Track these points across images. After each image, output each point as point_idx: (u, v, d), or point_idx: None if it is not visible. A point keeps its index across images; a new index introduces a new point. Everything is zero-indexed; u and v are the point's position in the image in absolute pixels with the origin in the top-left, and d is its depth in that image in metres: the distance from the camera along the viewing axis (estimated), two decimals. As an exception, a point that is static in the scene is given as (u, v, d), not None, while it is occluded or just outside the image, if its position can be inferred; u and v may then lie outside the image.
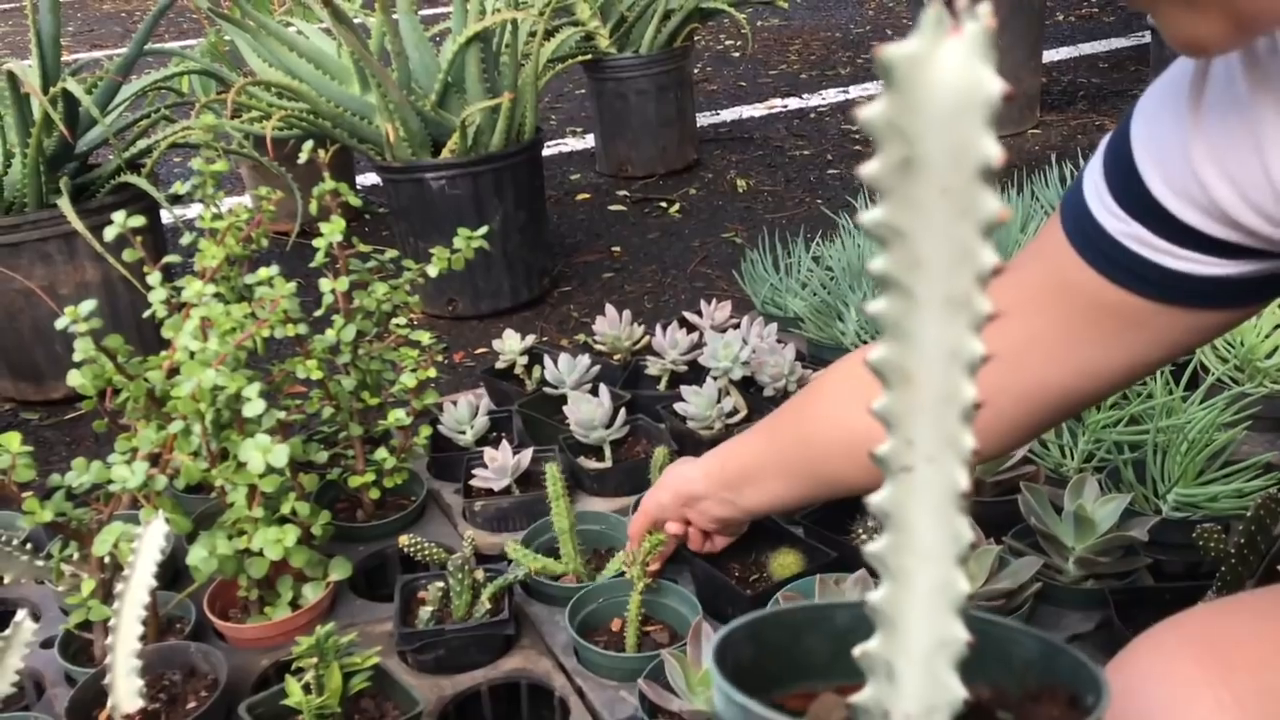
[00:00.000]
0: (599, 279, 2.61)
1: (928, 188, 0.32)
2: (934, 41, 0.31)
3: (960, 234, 0.33)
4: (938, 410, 0.34)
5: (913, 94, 0.31)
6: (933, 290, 0.33)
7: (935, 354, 0.34)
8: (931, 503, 0.36)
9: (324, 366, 1.43)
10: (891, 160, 0.32)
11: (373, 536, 1.48)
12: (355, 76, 2.33)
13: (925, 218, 0.33)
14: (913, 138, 0.32)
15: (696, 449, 1.60)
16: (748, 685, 0.42)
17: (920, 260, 0.33)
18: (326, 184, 1.47)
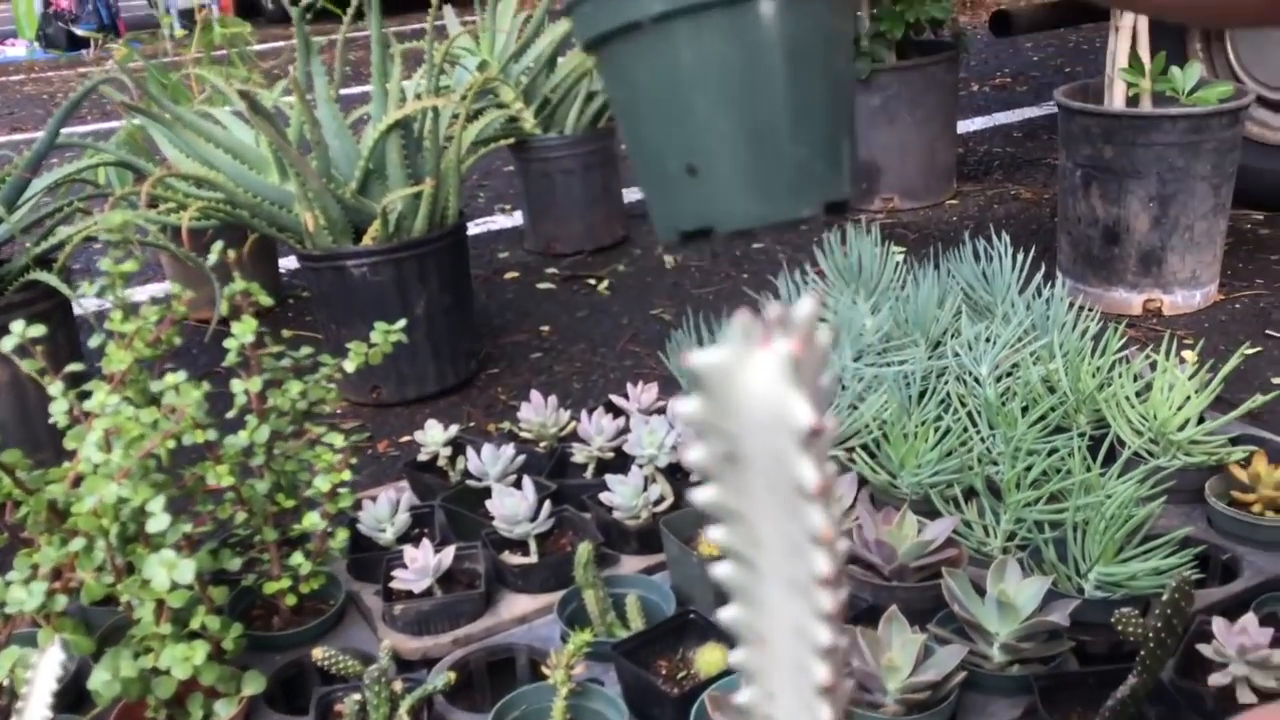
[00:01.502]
0: (527, 359, 2.59)
1: (755, 482, 0.32)
2: (742, 353, 0.30)
3: (791, 531, 0.32)
4: (794, 676, 0.34)
5: (725, 399, 0.30)
6: (776, 569, 0.33)
7: (783, 625, 0.33)
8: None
9: (236, 470, 1.39)
10: (715, 453, 0.32)
11: (290, 644, 1.43)
12: (274, 165, 2.32)
13: (757, 505, 0.32)
14: (730, 436, 0.31)
15: (624, 540, 1.59)
16: None
17: (759, 540, 0.33)
18: (236, 284, 1.45)
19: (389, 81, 2.35)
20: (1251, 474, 1.55)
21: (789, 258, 2.98)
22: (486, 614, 1.47)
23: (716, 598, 1.41)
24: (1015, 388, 1.76)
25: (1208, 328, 2.42)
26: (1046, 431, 1.67)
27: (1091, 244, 2.48)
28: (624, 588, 1.45)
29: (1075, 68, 5.38)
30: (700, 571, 1.41)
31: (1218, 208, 2.40)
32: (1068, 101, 2.45)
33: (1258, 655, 1.20)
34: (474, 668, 1.41)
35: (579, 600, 1.41)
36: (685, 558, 1.44)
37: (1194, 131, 2.29)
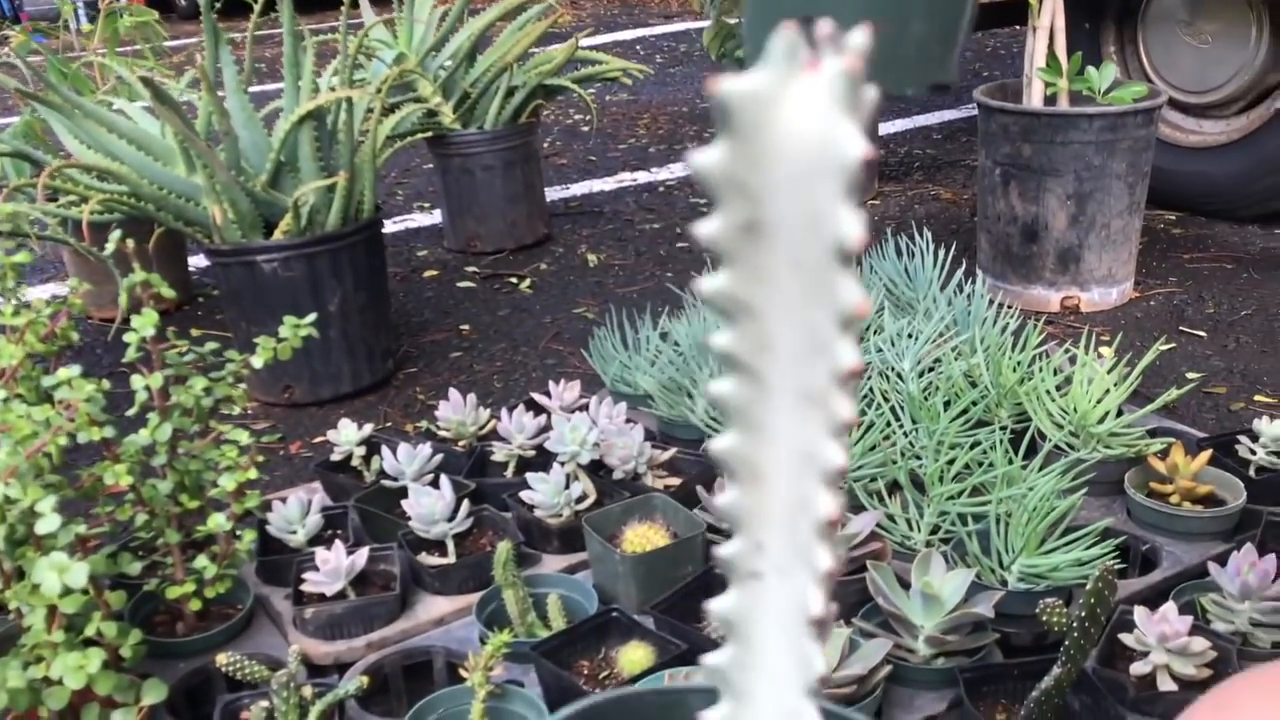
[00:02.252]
0: (447, 359, 2.54)
1: (777, 259, 0.26)
2: (785, 78, 0.24)
3: (815, 320, 0.27)
4: (790, 517, 0.29)
5: (756, 143, 0.25)
6: (785, 379, 0.28)
7: (787, 453, 0.29)
8: (780, 619, 0.31)
9: (136, 470, 1.33)
10: (734, 221, 0.27)
11: (194, 651, 1.37)
12: (180, 157, 2.24)
13: (775, 293, 0.27)
14: (758, 197, 0.26)
15: (545, 539, 1.55)
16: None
17: (770, 343, 0.28)
18: (136, 275, 1.38)
19: (302, 74, 2.28)
20: (1169, 465, 1.57)
21: (714, 257, 2.96)
22: (402, 616, 1.42)
23: (639, 595, 1.38)
24: (938, 382, 1.76)
25: (1124, 324, 2.45)
26: (969, 425, 1.67)
27: (1011, 242, 2.50)
28: (545, 587, 1.42)
29: (993, 71, 5.47)
30: (623, 569, 1.38)
31: (1133, 206, 2.43)
32: (987, 100, 2.47)
33: (1178, 643, 1.20)
34: (389, 672, 1.36)
35: (498, 601, 1.37)
36: (608, 555, 1.40)
37: (1110, 130, 2.32)
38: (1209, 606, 1.32)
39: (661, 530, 1.46)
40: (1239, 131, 2.93)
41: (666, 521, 1.49)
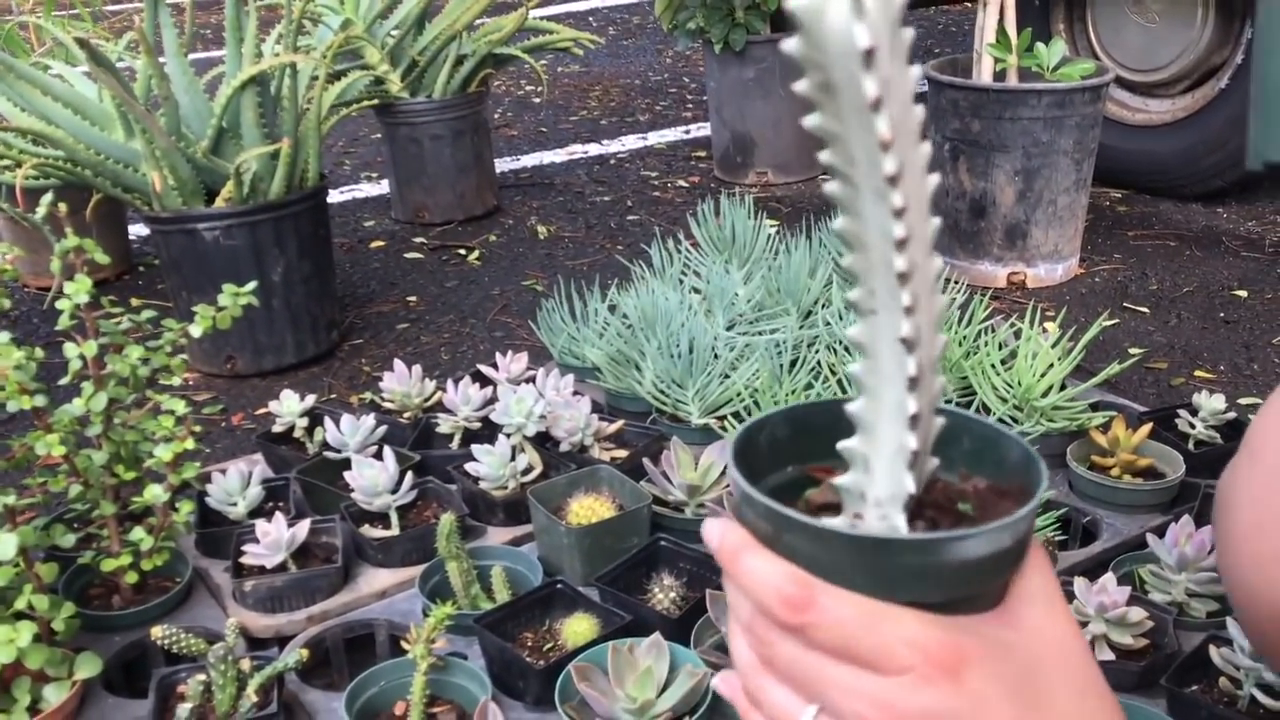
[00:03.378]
0: (393, 330, 2.51)
1: (844, 104, 0.40)
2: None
3: (869, 143, 0.40)
4: (885, 271, 0.42)
5: (815, 36, 0.38)
6: (864, 180, 0.41)
7: (874, 228, 0.42)
8: (888, 340, 0.44)
9: (70, 440, 1.29)
10: (814, 82, 0.40)
11: (131, 624, 1.34)
12: (119, 122, 2.18)
13: (847, 126, 0.40)
14: (823, 67, 0.39)
15: (491, 511, 1.54)
16: (781, 457, 0.53)
17: (852, 157, 0.41)
18: (69, 240, 1.34)
19: (245, 38, 2.23)
20: (1110, 439, 1.58)
21: (663, 229, 2.95)
22: (344, 589, 1.40)
23: (584, 567, 1.37)
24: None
25: (1069, 300, 2.48)
26: (915, 398, 1.67)
27: (959, 217, 2.52)
28: (489, 559, 1.41)
29: (944, 49, 5.49)
30: (569, 541, 1.38)
31: (1079, 183, 2.45)
32: (937, 75, 2.47)
33: (1116, 613, 1.22)
34: (330, 645, 1.34)
35: (442, 573, 1.35)
36: (553, 527, 1.40)
37: (1058, 107, 2.34)
38: (1147, 577, 1.34)
39: (607, 502, 1.46)
40: (1184, 110, 2.96)
41: (613, 494, 1.48)
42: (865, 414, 0.46)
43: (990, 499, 0.50)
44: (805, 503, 0.52)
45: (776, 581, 0.47)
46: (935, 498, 0.49)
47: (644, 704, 1.10)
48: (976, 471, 0.52)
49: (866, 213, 0.42)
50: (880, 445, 0.46)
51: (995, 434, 0.52)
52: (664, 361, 1.82)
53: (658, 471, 1.53)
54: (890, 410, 0.45)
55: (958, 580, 0.46)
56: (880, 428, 0.46)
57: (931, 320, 0.44)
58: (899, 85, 0.39)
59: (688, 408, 1.77)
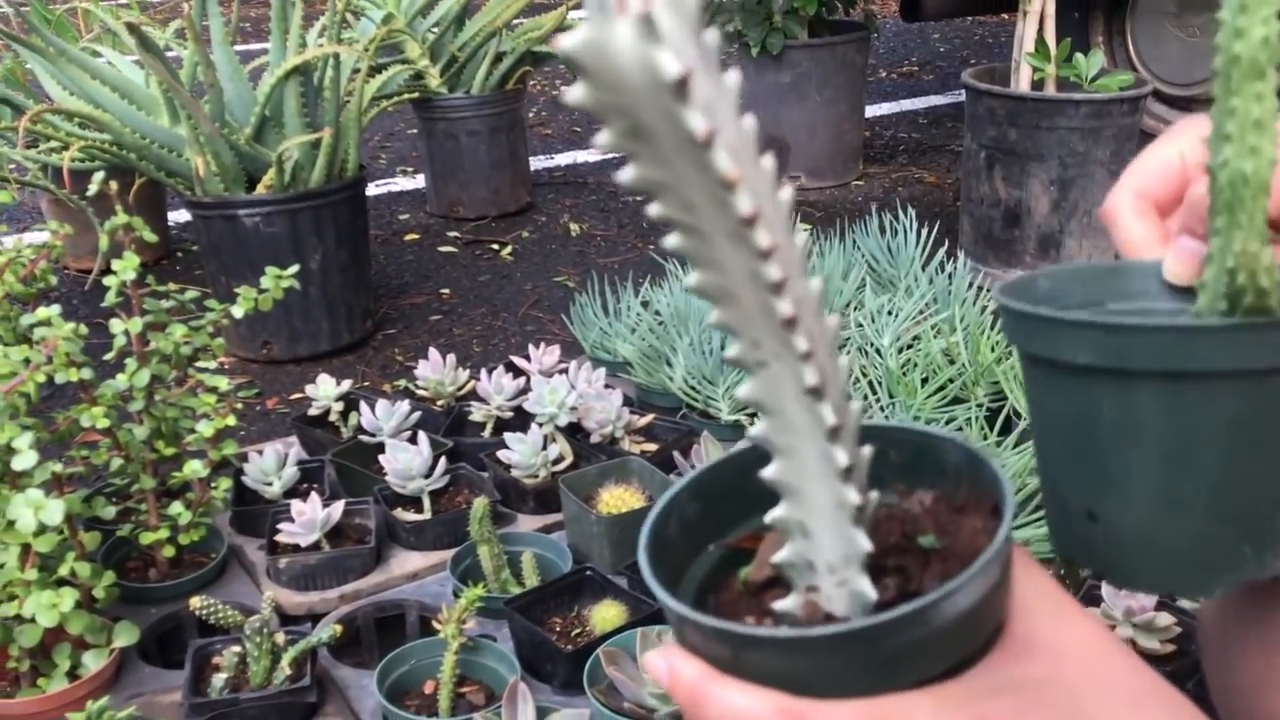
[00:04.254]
0: (426, 322, 2.53)
1: (665, 147, 0.32)
2: (603, 27, 0.30)
3: (708, 183, 0.33)
4: (766, 322, 0.37)
5: (605, 78, 0.31)
6: (713, 227, 0.34)
7: (741, 276, 0.36)
8: (789, 391, 0.38)
9: (114, 414, 1.32)
10: (619, 130, 0.32)
11: (166, 597, 1.37)
12: (164, 107, 2.22)
13: (677, 171, 0.33)
14: (625, 110, 0.32)
15: (521, 499, 1.56)
16: (697, 539, 0.46)
17: (691, 205, 0.34)
18: (119, 218, 1.37)
19: (289, 29, 2.26)
20: (1141, 447, 1.58)
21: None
22: (376, 570, 1.42)
23: (613, 556, 1.38)
24: (916, 359, 1.77)
25: (1100, 311, 2.47)
26: (946, 402, 1.68)
27: (993, 225, 2.52)
28: (520, 545, 1.42)
29: (980, 59, 5.48)
30: (599, 529, 1.39)
31: (1114, 194, 2.45)
32: (975, 83, 2.48)
33: (1144, 618, 1.22)
34: (362, 623, 1.36)
35: (473, 557, 1.37)
36: (584, 516, 1.41)
37: (1095, 117, 2.34)
38: (1175, 584, 1.34)
39: (637, 493, 1.47)
40: (1221, 126, 2.94)
41: (643, 485, 1.50)
42: (786, 477, 0.40)
43: (947, 519, 0.44)
44: (744, 586, 0.45)
45: (758, 718, 0.38)
46: (887, 538, 0.43)
47: (671, 690, 1.11)
48: (916, 484, 0.46)
49: (725, 260, 0.35)
50: (814, 506, 0.40)
51: (926, 438, 0.47)
52: (695, 358, 1.83)
53: (688, 465, 1.54)
54: (814, 466, 0.39)
55: (960, 637, 0.40)
56: (808, 487, 0.40)
57: (831, 350, 0.39)
58: (722, 105, 0.33)
59: (718, 404, 1.78)
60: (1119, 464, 0.44)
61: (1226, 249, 0.41)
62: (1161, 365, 0.42)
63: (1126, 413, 0.43)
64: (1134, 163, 0.56)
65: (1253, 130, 0.39)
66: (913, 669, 0.39)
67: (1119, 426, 0.43)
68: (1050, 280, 0.51)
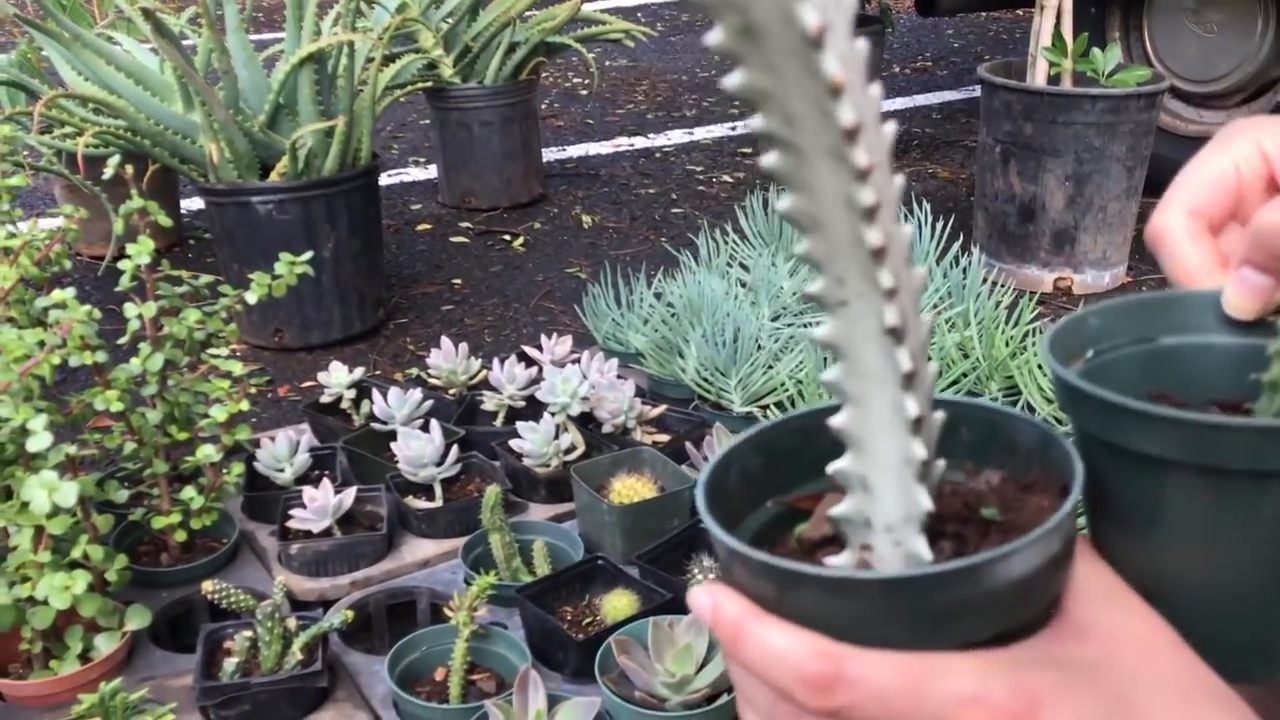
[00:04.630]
0: (438, 311, 2.53)
1: (774, 51, 0.32)
2: None
3: (815, 93, 0.32)
4: (854, 253, 0.35)
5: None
6: (813, 144, 0.33)
7: (834, 201, 0.34)
8: (869, 332, 0.37)
9: (127, 398, 1.32)
10: (732, 28, 0.32)
11: (178, 581, 1.37)
12: (179, 94, 2.21)
13: (782, 78, 0.32)
14: (741, 6, 0.31)
15: (533, 488, 1.55)
16: (757, 492, 0.46)
17: (792, 118, 0.33)
18: (134, 202, 1.37)
19: (304, 17, 2.26)
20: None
21: (710, 221, 2.96)
22: (388, 557, 1.42)
23: (625, 545, 1.38)
24: (930, 353, 1.76)
25: (1114, 308, 2.46)
26: (960, 395, 1.67)
27: (1007, 220, 2.51)
28: (531, 534, 1.42)
29: (995, 55, 5.46)
30: (610, 519, 1.39)
31: (1130, 190, 2.44)
32: (991, 77, 2.46)
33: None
34: (373, 610, 1.36)
35: (484, 545, 1.37)
36: (596, 505, 1.41)
37: (1112, 112, 2.32)
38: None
39: (649, 483, 1.46)
40: (1238, 123, 2.93)
41: (655, 475, 1.49)
42: (854, 427, 0.39)
43: (1013, 496, 0.43)
44: (798, 542, 0.44)
45: (796, 658, 0.38)
46: (949, 508, 0.42)
47: (682, 679, 1.11)
48: (984, 464, 0.45)
49: (820, 183, 0.34)
50: (879, 460, 0.39)
51: (1000, 417, 0.45)
52: (708, 349, 1.83)
53: (700, 455, 1.54)
54: (884, 417, 0.38)
55: (1011, 605, 0.39)
56: (875, 439, 0.39)
57: (915, 299, 0.38)
58: (836, 14, 0.32)
59: (730, 396, 1.78)
60: (1179, 555, 0.43)
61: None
62: (1248, 464, 0.39)
63: (1201, 507, 0.41)
64: (1182, 174, 0.51)
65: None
66: (958, 629, 0.38)
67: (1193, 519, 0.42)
68: (1099, 318, 0.48)
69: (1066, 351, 0.46)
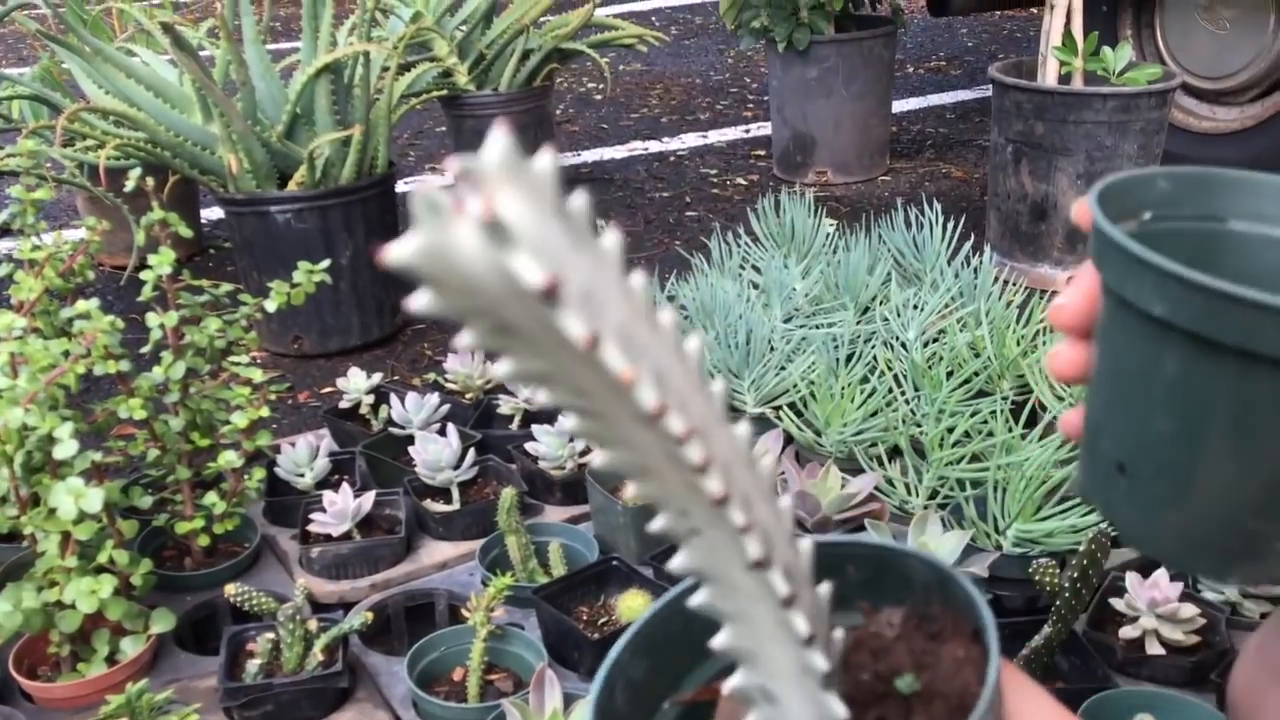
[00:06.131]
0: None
1: (542, 343, 0.28)
2: (441, 231, 0.26)
3: (602, 383, 0.29)
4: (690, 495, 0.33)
5: (454, 284, 0.26)
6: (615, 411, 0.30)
7: (656, 455, 0.32)
8: (729, 561, 0.34)
9: (150, 406, 1.35)
10: (483, 330, 0.28)
11: (201, 585, 1.40)
12: (197, 105, 2.25)
13: (560, 363, 0.29)
14: (488, 312, 0.27)
15: (548, 490, 1.58)
16: (649, 699, 0.42)
17: (583, 391, 0.30)
18: (155, 213, 1.40)
19: (320, 28, 2.29)
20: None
21: (722, 225, 2.98)
22: (406, 559, 1.44)
23: (639, 546, 1.40)
24: (941, 353, 1.78)
25: (1128, 306, 2.46)
26: (970, 395, 1.68)
27: (1020, 219, 2.52)
28: (547, 536, 1.44)
29: (1009, 54, 5.45)
30: (625, 520, 1.41)
31: (1142, 188, 2.44)
32: (1002, 77, 2.47)
33: (1168, 608, 1.22)
34: (392, 612, 1.38)
35: (501, 547, 1.39)
36: (610, 506, 1.43)
37: (1123, 111, 2.33)
38: (1199, 576, 1.34)
39: (663, 485, 1.48)
40: (1253, 119, 2.93)
41: (669, 477, 1.51)
42: (740, 643, 0.37)
43: (923, 648, 0.40)
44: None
45: None
46: (860, 675, 0.39)
47: (696, 677, 1.12)
48: (880, 601, 0.42)
49: (635, 439, 0.31)
50: (776, 670, 0.37)
51: (886, 554, 0.43)
52: (721, 351, 1.84)
53: (713, 457, 1.55)
54: (770, 631, 0.36)
55: None
56: (766, 651, 0.37)
57: (767, 498, 0.35)
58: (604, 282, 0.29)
59: (743, 397, 1.80)
60: (1166, 427, 0.39)
61: None
62: (1251, 345, 0.35)
63: (1193, 378, 0.38)
64: None
65: None
66: None
67: (1180, 389, 0.38)
68: (1172, 182, 0.44)
69: (1122, 207, 0.42)
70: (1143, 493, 0.41)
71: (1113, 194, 0.42)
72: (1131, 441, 0.41)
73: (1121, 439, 0.42)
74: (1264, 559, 0.40)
